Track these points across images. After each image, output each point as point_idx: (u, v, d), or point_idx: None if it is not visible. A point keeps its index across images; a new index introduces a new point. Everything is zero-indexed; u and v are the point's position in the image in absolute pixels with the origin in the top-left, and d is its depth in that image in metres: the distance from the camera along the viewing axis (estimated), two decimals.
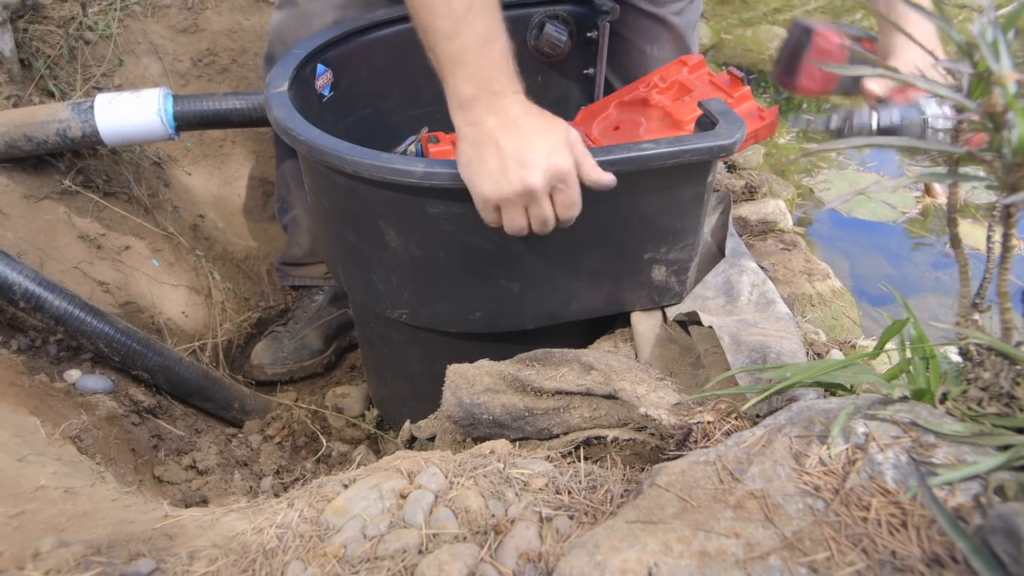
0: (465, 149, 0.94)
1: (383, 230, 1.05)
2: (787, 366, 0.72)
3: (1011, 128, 0.53)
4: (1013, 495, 0.52)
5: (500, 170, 0.92)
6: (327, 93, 1.28)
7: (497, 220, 0.97)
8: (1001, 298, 0.64)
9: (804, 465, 0.59)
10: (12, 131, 1.44)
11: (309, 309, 1.85)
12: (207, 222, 1.94)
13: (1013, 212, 0.60)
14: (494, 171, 0.92)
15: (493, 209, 0.95)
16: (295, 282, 1.83)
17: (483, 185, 0.93)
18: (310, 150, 1.01)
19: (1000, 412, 0.60)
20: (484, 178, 0.93)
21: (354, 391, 1.76)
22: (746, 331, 1.00)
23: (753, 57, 3.67)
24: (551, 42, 1.40)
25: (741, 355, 0.93)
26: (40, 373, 1.31)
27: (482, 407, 1.00)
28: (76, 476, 0.94)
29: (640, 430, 0.92)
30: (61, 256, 1.51)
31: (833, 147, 0.66)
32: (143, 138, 1.48)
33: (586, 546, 0.56)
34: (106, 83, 1.80)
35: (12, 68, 1.57)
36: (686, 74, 1.32)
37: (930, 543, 0.51)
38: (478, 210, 0.96)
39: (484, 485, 0.73)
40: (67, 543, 0.65)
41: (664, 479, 0.62)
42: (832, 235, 2.43)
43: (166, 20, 1.95)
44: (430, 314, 1.14)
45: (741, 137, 1.02)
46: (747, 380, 0.87)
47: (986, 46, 0.55)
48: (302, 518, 0.69)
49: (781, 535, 0.53)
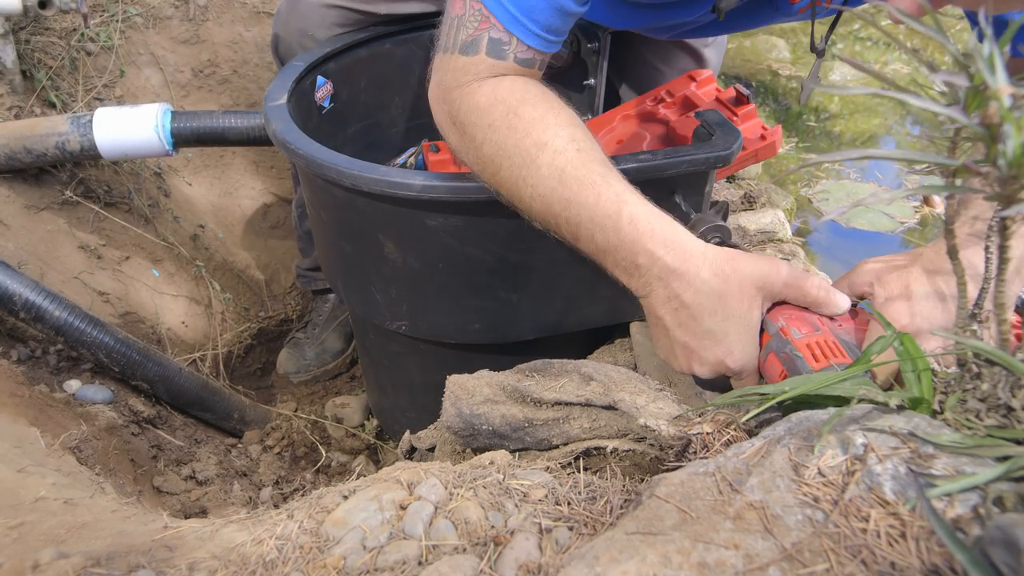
0: (644, 308, 0.90)
1: (382, 243, 1.06)
2: (786, 380, 0.72)
3: (1006, 140, 0.54)
4: (1012, 506, 0.52)
5: (670, 351, 0.89)
6: (327, 105, 1.28)
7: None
8: (998, 309, 0.64)
9: (803, 476, 0.59)
10: (12, 143, 1.44)
11: (324, 311, 1.87)
12: (207, 232, 1.94)
13: (1009, 224, 0.60)
14: (665, 348, 0.90)
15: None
16: (320, 286, 1.85)
17: (659, 351, 0.91)
18: (308, 163, 1.01)
19: (998, 423, 0.61)
20: (659, 348, 0.91)
21: (354, 401, 1.76)
22: None
23: (752, 67, 3.68)
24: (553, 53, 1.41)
25: None
26: (40, 383, 1.31)
27: (482, 418, 1.00)
28: (76, 487, 0.94)
29: (640, 441, 0.92)
30: (61, 266, 1.51)
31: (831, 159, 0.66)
32: (141, 153, 1.49)
33: (585, 558, 0.56)
34: (107, 94, 1.81)
35: (14, 79, 1.58)
36: (694, 89, 1.32)
37: (929, 554, 0.51)
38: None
39: (484, 496, 0.73)
40: (66, 554, 0.65)
41: (663, 490, 0.62)
42: (831, 245, 2.44)
43: (167, 31, 1.96)
44: (429, 326, 1.15)
45: (738, 148, 1.03)
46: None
47: (982, 59, 0.55)
48: (302, 529, 0.69)
49: (780, 546, 0.53)
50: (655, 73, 1.55)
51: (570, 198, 0.84)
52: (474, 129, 0.90)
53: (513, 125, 0.87)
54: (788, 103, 3.40)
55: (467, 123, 0.91)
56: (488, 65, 0.91)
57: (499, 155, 0.88)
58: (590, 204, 0.84)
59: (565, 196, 0.85)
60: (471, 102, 0.90)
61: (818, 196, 2.62)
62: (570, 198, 0.84)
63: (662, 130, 1.29)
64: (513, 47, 0.90)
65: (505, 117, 0.88)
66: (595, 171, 0.85)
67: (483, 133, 0.89)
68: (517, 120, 0.87)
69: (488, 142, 0.88)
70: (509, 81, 0.91)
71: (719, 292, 0.81)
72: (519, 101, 0.89)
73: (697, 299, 0.82)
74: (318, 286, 1.85)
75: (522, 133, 0.86)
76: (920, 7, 0.67)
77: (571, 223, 0.86)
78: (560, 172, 0.84)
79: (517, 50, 0.91)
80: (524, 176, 0.86)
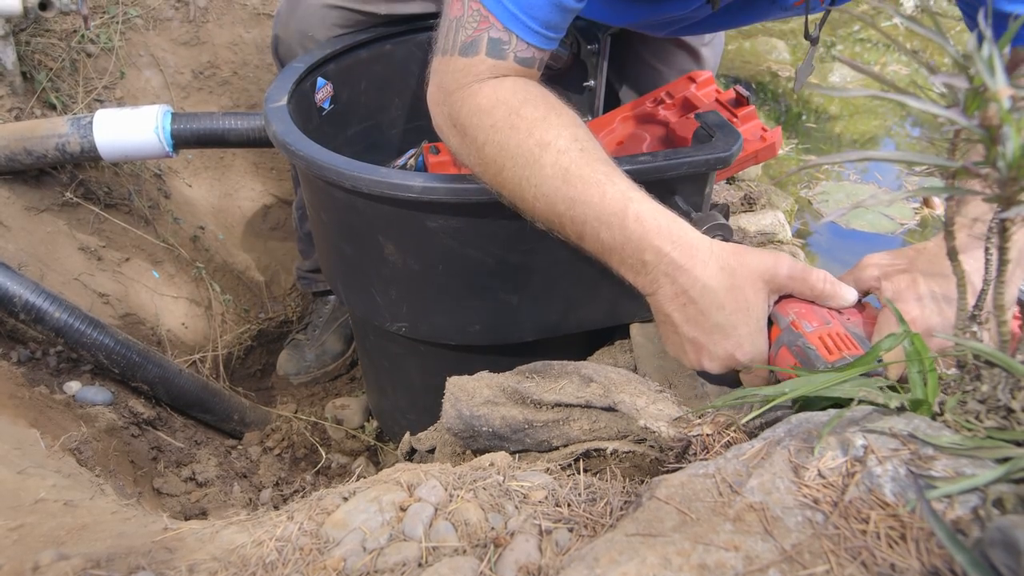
0: (652, 306, 0.90)
1: (382, 244, 1.06)
2: (786, 382, 0.72)
3: (1006, 142, 0.54)
4: (1012, 508, 0.52)
5: (679, 348, 0.89)
6: (327, 106, 1.28)
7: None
8: (998, 311, 0.64)
9: (803, 478, 0.59)
10: (13, 144, 1.45)
11: (324, 313, 1.87)
12: (207, 234, 1.94)
13: (1008, 226, 0.60)
14: (675, 345, 0.90)
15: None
16: (320, 288, 1.85)
17: (669, 348, 0.91)
18: (308, 165, 1.01)
19: (998, 424, 0.61)
20: (669, 345, 0.91)
21: (354, 403, 1.76)
22: None
23: (751, 69, 3.68)
24: (553, 54, 1.41)
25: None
26: (40, 385, 1.31)
27: (482, 419, 1.00)
28: (76, 488, 0.94)
29: (640, 442, 0.92)
30: (61, 268, 1.51)
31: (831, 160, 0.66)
32: (141, 155, 1.49)
33: (585, 559, 0.56)
34: (108, 95, 1.81)
35: (14, 81, 1.58)
36: (694, 90, 1.32)
37: (929, 556, 0.51)
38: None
39: (484, 498, 0.73)
40: (67, 556, 0.65)
41: (663, 492, 0.62)
42: (831, 246, 2.44)
43: (168, 33, 1.96)
44: (429, 327, 1.15)
45: (738, 149, 1.03)
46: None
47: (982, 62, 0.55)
48: (302, 531, 0.69)
49: (780, 548, 0.53)
50: (653, 73, 1.56)
51: (575, 197, 0.85)
52: (476, 131, 0.90)
53: (515, 125, 0.87)
54: (788, 104, 3.40)
55: (468, 125, 0.91)
56: (488, 66, 0.91)
57: (501, 155, 0.88)
58: (595, 202, 0.84)
59: (569, 195, 0.85)
60: (473, 104, 0.91)
61: (818, 197, 2.62)
62: (575, 197, 0.85)
63: (662, 131, 1.29)
64: (513, 46, 0.90)
65: (507, 118, 0.88)
66: (599, 170, 0.85)
67: (485, 134, 0.89)
68: (519, 120, 0.87)
69: (490, 143, 0.88)
70: (510, 82, 0.91)
71: (726, 286, 0.82)
72: (521, 102, 0.89)
73: (705, 294, 0.82)
74: (318, 288, 1.85)
75: (524, 133, 0.86)
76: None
77: (576, 222, 0.86)
78: (564, 171, 0.85)
79: (517, 49, 0.91)
80: (527, 176, 0.87)
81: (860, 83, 3.48)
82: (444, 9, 0.94)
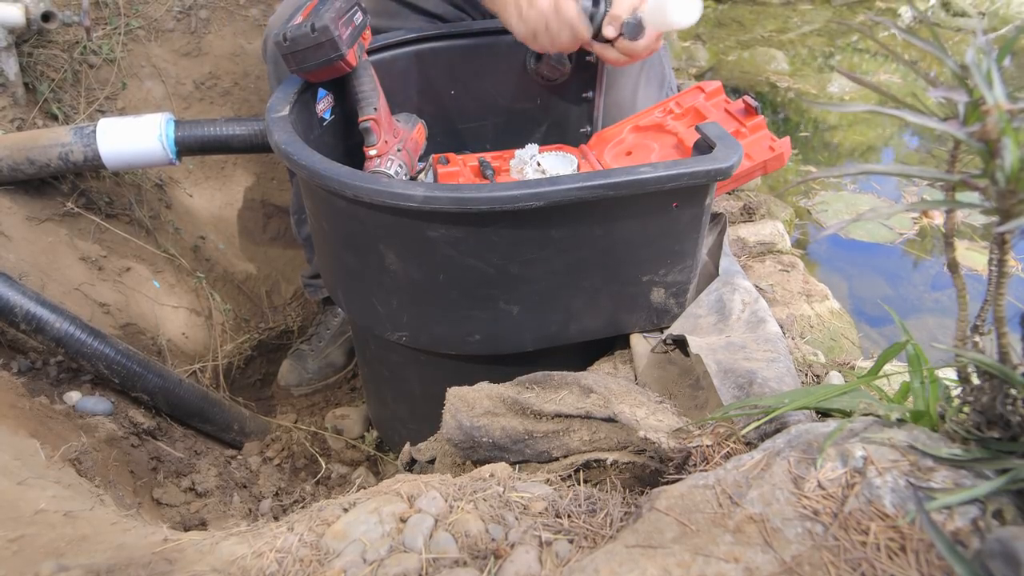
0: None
1: (383, 253, 1.06)
2: (785, 393, 0.72)
3: (1004, 155, 0.54)
4: (1011, 519, 0.52)
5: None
6: (328, 116, 1.29)
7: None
8: (997, 323, 0.64)
9: (803, 489, 0.59)
10: (15, 154, 1.45)
11: (332, 325, 1.87)
12: (208, 244, 1.95)
13: (1007, 239, 0.61)
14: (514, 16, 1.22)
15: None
16: (326, 295, 1.84)
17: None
18: (311, 175, 1.01)
19: (998, 435, 0.61)
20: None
21: (354, 412, 1.75)
22: (733, 357, 1.00)
23: (751, 79, 3.70)
24: (552, 66, 1.41)
25: (728, 382, 0.93)
26: (40, 395, 1.31)
27: (482, 430, 1.00)
28: (75, 499, 0.94)
29: (639, 453, 0.92)
30: (62, 278, 1.51)
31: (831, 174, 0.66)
32: (144, 163, 1.50)
33: (585, 571, 0.56)
34: (109, 106, 1.82)
35: (16, 91, 1.59)
36: (702, 101, 1.32)
37: (929, 567, 0.51)
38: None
39: (484, 509, 0.73)
40: (67, 567, 0.65)
41: (663, 503, 0.62)
42: (830, 256, 2.44)
43: (169, 44, 1.97)
44: (429, 337, 1.15)
45: (738, 161, 1.03)
46: (739, 397, 0.87)
47: (980, 75, 0.56)
48: (302, 542, 0.69)
49: (780, 559, 0.53)
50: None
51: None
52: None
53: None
54: (787, 114, 3.41)
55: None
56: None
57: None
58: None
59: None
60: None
61: (817, 207, 2.62)
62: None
63: (671, 142, 1.29)
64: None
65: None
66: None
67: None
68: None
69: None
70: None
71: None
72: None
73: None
74: (326, 295, 1.84)
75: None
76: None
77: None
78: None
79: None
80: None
81: (858, 94, 3.49)
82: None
